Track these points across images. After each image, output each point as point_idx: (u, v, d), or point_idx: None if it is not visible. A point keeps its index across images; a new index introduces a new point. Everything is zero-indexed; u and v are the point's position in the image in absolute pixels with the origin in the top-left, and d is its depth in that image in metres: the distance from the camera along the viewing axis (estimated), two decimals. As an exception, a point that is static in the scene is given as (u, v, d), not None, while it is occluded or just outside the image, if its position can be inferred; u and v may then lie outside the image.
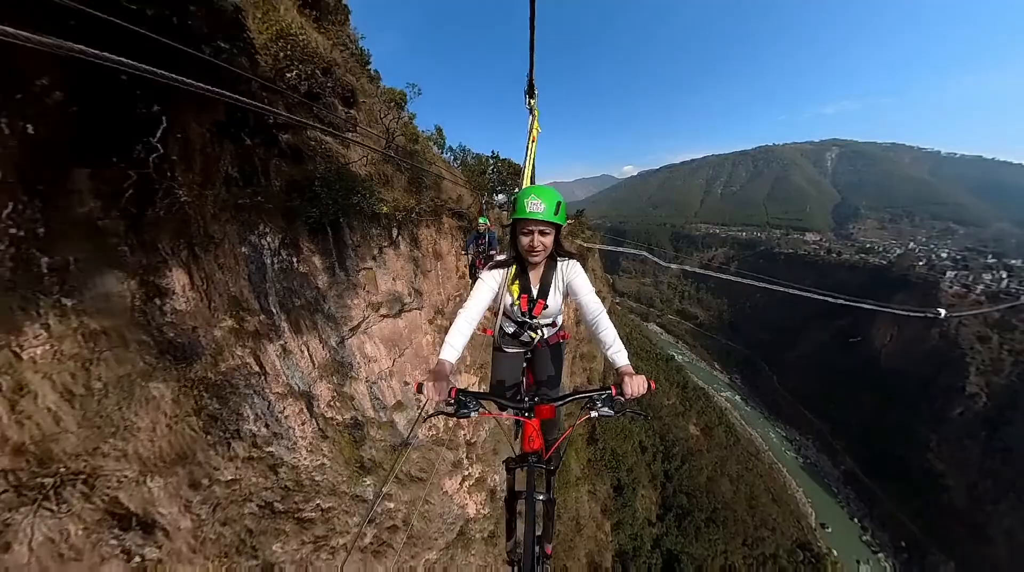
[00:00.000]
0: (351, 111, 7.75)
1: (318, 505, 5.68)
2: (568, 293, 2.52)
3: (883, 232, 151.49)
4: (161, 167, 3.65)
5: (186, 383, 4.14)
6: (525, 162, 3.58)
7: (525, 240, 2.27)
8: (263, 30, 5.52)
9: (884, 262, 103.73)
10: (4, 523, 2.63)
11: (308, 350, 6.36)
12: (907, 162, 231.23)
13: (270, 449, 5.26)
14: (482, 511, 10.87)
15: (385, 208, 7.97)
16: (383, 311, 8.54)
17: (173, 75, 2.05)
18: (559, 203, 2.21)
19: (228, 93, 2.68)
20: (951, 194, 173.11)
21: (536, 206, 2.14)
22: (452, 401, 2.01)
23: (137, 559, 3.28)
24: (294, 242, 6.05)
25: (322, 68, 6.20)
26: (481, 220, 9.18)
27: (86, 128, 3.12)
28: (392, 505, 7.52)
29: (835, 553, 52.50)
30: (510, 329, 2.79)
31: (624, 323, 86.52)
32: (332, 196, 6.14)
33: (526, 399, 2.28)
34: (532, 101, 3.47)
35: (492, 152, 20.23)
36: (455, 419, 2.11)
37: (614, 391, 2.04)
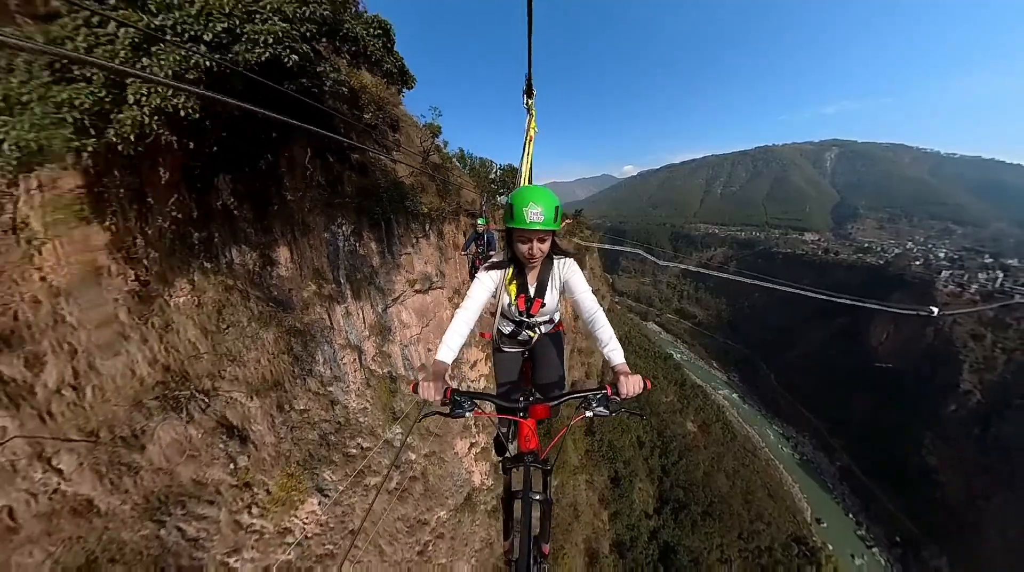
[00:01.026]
0: (397, 135, 9.67)
1: (359, 444, 7.07)
2: (565, 291, 2.55)
3: (882, 232, 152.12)
4: (276, 176, 5.29)
5: (282, 329, 5.85)
6: (522, 162, 3.58)
7: (523, 248, 2.27)
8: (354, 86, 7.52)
9: (881, 262, 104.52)
10: (142, 429, 3.77)
11: (362, 313, 8.42)
12: (907, 162, 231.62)
13: (331, 389, 6.93)
14: (486, 482, 11.92)
15: (425, 209, 10.36)
16: (417, 287, 10.58)
17: (298, 123, 3.19)
18: (556, 208, 2.19)
19: (327, 132, 4.04)
20: (950, 194, 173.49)
21: (535, 216, 2.11)
22: (447, 401, 2.04)
23: (232, 465, 4.43)
24: (359, 232, 8.19)
25: (378, 106, 8.14)
26: (480, 221, 9.57)
27: (228, 146, 4.46)
28: (413, 456, 8.84)
29: (830, 548, 53.31)
30: (507, 329, 2.81)
31: (623, 322, 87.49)
32: (390, 199, 8.45)
33: (521, 399, 2.28)
34: (530, 101, 3.47)
35: (500, 165, 23.51)
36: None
37: (609, 390, 2.06)
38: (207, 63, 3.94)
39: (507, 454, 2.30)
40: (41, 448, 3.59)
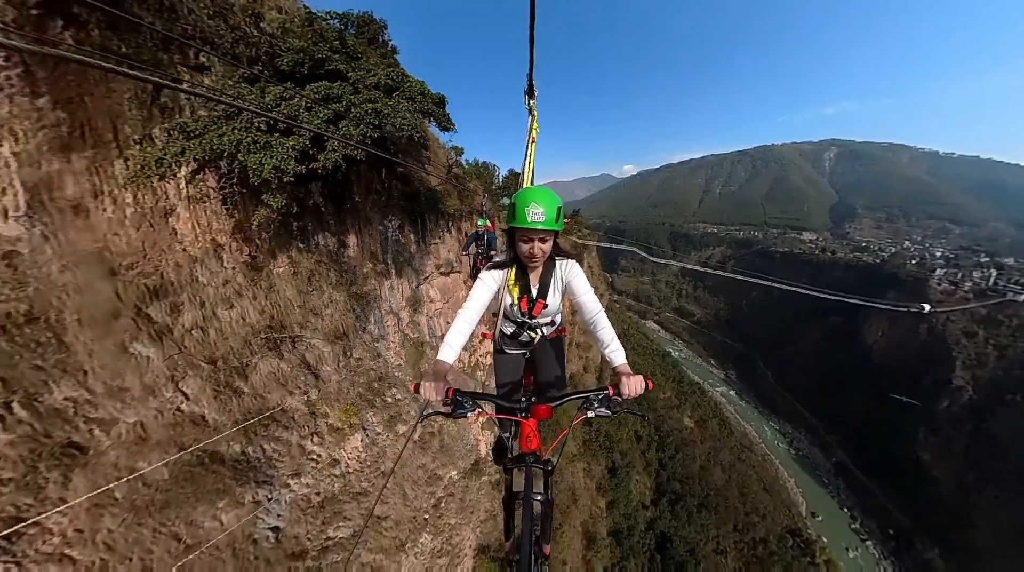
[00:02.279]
0: (427, 152, 11.82)
1: (394, 394, 9.04)
2: (567, 293, 2.56)
3: (879, 231, 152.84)
4: (349, 184, 7.46)
5: (350, 294, 8.16)
6: (524, 163, 3.60)
7: (525, 247, 2.30)
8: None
9: (877, 261, 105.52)
10: (247, 362, 5.09)
11: (401, 288, 10.85)
12: (905, 162, 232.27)
13: (377, 344, 9.23)
14: (490, 455, 13.25)
15: (451, 210, 13.26)
16: (441, 270, 13.07)
17: (384, 155, 4.80)
18: (558, 209, 2.22)
19: (391, 157, 5.75)
20: (948, 194, 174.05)
21: (537, 215, 2.14)
22: (449, 401, 2.04)
23: (305, 396, 5.72)
24: (403, 226, 10.72)
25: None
26: (480, 222, 9.99)
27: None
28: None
29: (824, 540, 54.32)
30: (509, 330, 2.82)
31: (622, 320, 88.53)
32: (426, 202, 11.18)
33: (522, 399, 2.29)
34: (532, 102, 3.48)
35: (503, 173, 26.51)
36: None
37: (611, 391, 2.07)
38: (366, 133, 6.72)
39: (508, 456, 2.31)
40: (173, 373, 4.87)
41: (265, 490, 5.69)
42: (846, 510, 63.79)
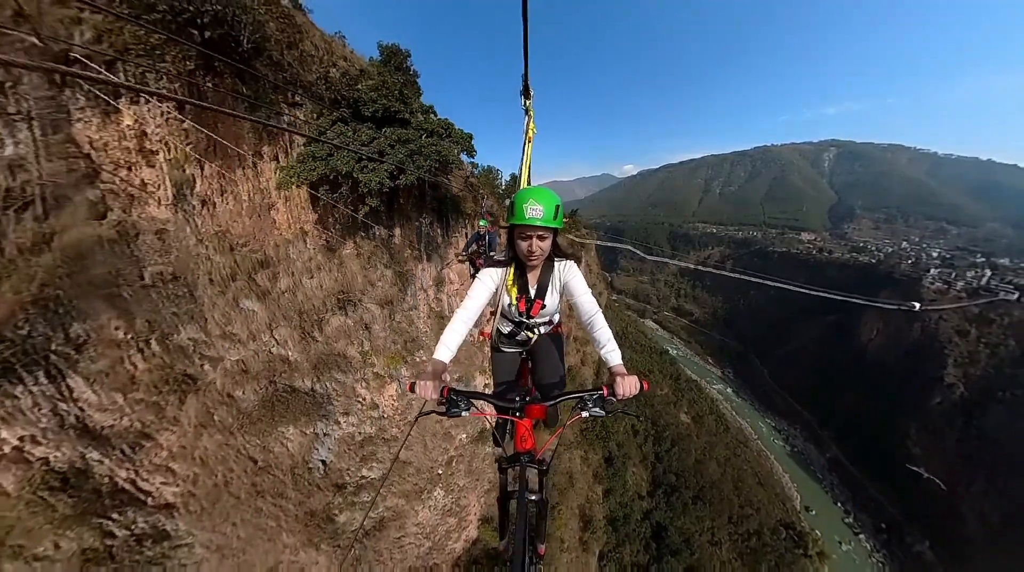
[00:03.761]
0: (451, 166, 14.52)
1: (420, 356, 10.97)
2: (565, 293, 2.56)
3: (877, 232, 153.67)
4: (396, 193, 9.57)
5: (396, 271, 10.55)
6: (522, 163, 3.62)
7: (524, 245, 2.30)
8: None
9: (873, 260, 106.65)
10: (322, 319, 6.89)
11: (430, 270, 13.43)
12: (904, 163, 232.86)
13: (411, 313, 11.44)
14: (493, 436, 15.33)
15: (468, 210, 15.95)
16: (459, 258, 15.23)
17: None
18: (557, 207, 2.22)
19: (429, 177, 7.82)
20: (947, 195, 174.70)
21: (535, 212, 2.15)
22: (444, 400, 2.05)
23: (360, 347, 7.28)
24: (433, 222, 13.36)
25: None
26: (481, 222, 10.41)
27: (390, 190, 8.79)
28: (448, 378, 13.58)
29: (818, 533, 55.62)
30: (506, 329, 2.83)
31: (620, 318, 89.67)
32: (451, 204, 14.26)
33: (517, 399, 2.30)
34: (528, 102, 3.48)
35: (510, 175, 28.37)
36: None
37: (606, 392, 2.07)
38: (431, 165, 9.99)
39: (500, 451, 2.33)
40: (270, 323, 6.57)
41: (323, 424, 7.72)
42: (839, 504, 65.08)
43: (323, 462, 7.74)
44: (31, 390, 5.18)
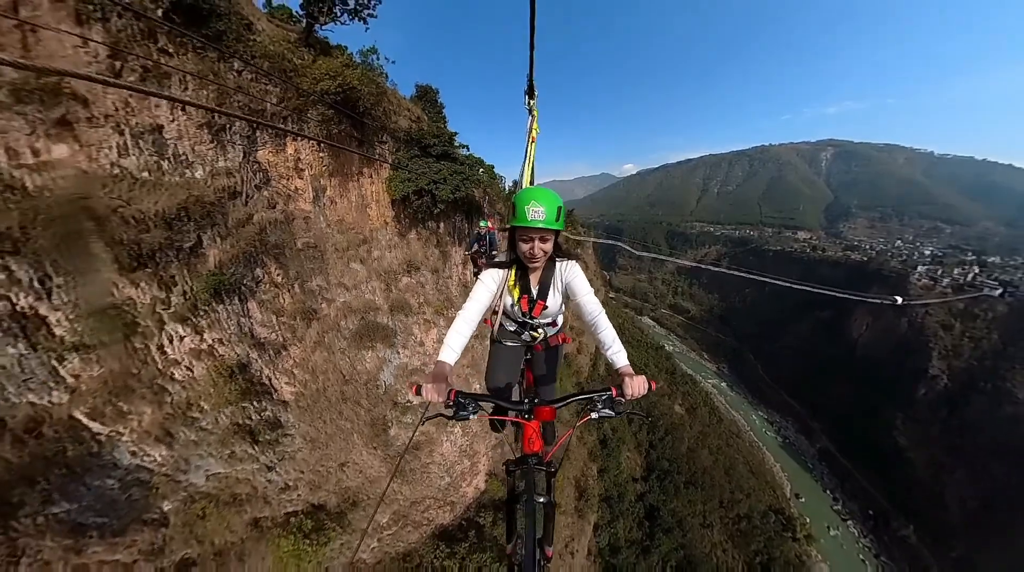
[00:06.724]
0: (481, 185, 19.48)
1: (450, 314, 14.23)
2: (567, 294, 2.57)
3: (872, 231, 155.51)
4: (434, 203, 13.08)
5: (440, 250, 15.60)
6: (524, 163, 3.61)
7: (525, 247, 2.32)
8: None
9: (865, 258, 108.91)
10: (398, 277, 12.58)
11: (459, 252, 17.27)
12: (900, 162, 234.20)
13: (447, 280, 15.91)
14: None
15: (486, 210, 20.19)
16: (465, 254, 19.74)
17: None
18: (559, 208, 2.22)
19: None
20: (942, 194, 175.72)
21: (537, 214, 2.15)
22: (451, 403, 2.07)
23: (418, 299, 10.45)
24: (462, 218, 17.57)
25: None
26: (482, 223, 10.61)
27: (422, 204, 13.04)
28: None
29: (807, 519, 57.89)
30: (511, 328, 2.90)
31: (618, 316, 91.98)
32: (473, 206, 18.42)
33: (525, 401, 2.30)
34: (532, 102, 3.47)
35: (512, 181, 31.05)
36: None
37: (615, 392, 2.10)
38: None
39: (510, 457, 2.27)
40: (368, 278, 11.07)
41: (390, 351, 11.35)
42: (829, 492, 67.31)
43: (385, 382, 11.01)
44: (228, 308, 8.30)
